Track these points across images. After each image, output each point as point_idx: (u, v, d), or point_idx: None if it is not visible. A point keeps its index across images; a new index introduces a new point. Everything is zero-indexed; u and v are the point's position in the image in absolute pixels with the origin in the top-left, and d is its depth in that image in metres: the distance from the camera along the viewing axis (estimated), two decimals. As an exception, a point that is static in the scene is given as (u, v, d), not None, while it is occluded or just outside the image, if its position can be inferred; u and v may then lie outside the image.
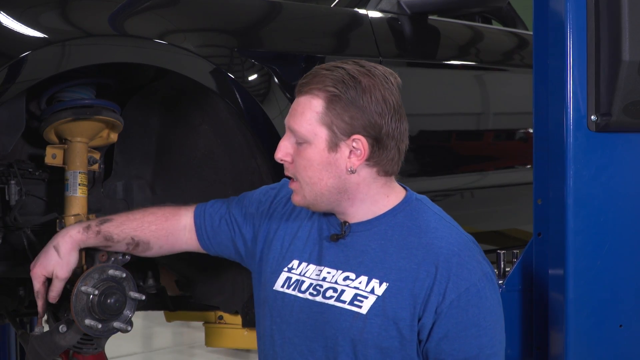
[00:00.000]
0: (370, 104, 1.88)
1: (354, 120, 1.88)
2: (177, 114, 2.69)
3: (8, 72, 2.07)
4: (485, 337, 1.87)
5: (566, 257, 2.25)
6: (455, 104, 3.31)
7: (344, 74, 1.89)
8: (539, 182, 2.34)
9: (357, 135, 1.89)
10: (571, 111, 2.25)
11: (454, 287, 1.85)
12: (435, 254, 1.88)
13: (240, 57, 2.52)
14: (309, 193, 1.95)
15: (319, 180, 1.92)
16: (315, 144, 1.91)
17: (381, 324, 1.86)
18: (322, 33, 2.88)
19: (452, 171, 3.33)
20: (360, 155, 1.90)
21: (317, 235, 2.04)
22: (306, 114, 1.91)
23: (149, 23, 2.37)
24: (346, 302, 1.90)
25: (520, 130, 3.61)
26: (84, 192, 2.44)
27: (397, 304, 1.87)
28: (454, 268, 1.86)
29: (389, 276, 1.89)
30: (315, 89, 1.90)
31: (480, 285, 1.88)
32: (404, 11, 3.09)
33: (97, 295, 2.31)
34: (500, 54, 3.65)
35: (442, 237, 1.91)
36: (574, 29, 2.25)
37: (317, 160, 1.91)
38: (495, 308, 1.91)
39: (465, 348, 1.86)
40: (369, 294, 1.89)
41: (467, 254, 1.90)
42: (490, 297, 1.89)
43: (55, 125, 2.39)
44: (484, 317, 1.87)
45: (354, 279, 1.92)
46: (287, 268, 2.04)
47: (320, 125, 1.90)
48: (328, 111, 1.89)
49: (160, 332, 7.17)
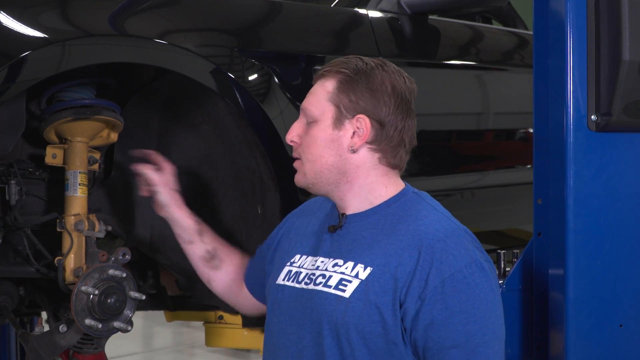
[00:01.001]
0: (379, 88, 1.94)
1: (361, 101, 1.94)
2: (177, 113, 2.69)
3: (8, 71, 2.07)
4: (474, 325, 1.83)
5: (566, 257, 2.25)
6: (456, 104, 3.31)
7: (358, 61, 1.97)
8: (539, 182, 2.34)
9: (362, 114, 1.94)
10: (571, 111, 2.25)
11: (437, 273, 1.83)
12: (419, 239, 1.87)
13: (240, 56, 2.52)
14: (309, 170, 1.98)
15: (320, 157, 1.96)
16: (321, 121, 1.96)
17: (363, 307, 1.86)
18: (322, 33, 2.88)
19: (452, 171, 3.33)
20: (362, 135, 1.94)
21: (319, 229, 2.07)
22: (317, 94, 1.98)
23: (149, 23, 2.37)
24: (332, 287, 1.92)
25: (521, 130, 3.61)
26: (84, 192, 2.44)
27: (379, 287, 1.86)
28: (437, 254, 1.84)
29: (374, 261, 1.89)
30: (330, 72, 1.98)
31: (468, 271, 1.84)
32: (404, 11, 3.09)
33: (97, 295, 2.31)
34: (501, 54, 3.65)
35: (429, 224, 1.91)
36: (574, 29, 2.25)
37: (322, 137, 1.96)
38: (486, 296, 1.86)
39: (452, 335, 1.82)
40: (353, 278, 1.90)
41: (454, 241, 1.87)
42: (480, 284, 1.85)
43: (56, 125, 2.39)
44: (472, 304, 1.83)
45: (342, 265, 1.94)
46: (289, 262, 2.07)
47: (329, 103, 1.96)
48: (338, 90, 1.95)
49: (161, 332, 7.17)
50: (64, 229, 2.42)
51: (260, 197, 2.64)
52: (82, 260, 2.41)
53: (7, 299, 2.64)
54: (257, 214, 2.66)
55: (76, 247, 2.41)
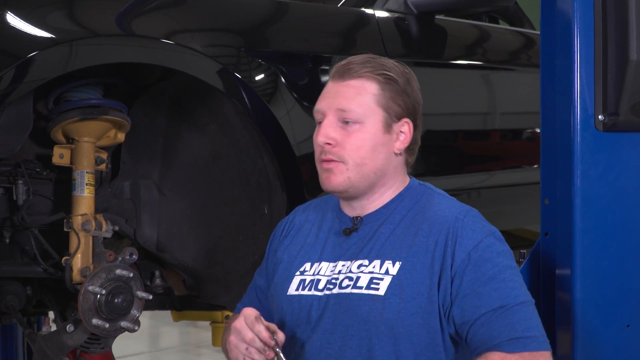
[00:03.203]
0: (413, 92, 1.99)
1: (404, 104, 1.97)
2: (184, 113, 2.69)
3: (16, 72, 2.08)
4: (504, 290, 1.86)
5: (573, 257, 2.25)
6: (462, 104, 3.31)
7: (387, 62, 1.98)
8: (546, 182, 2.34)
9: (406, 119, 1.97)
10: (578, 111, 2.25)
11: (461, 248, 1.88)
12: (440, 224, 1.92)
13: (247, 56, 2.53)
14: (355, 174, 1.95)
15: (370, 160, 1.95)
16: (370, 124, 1.95)
17: (400, 302, 1.87)
18: (329, 33, 2.87)
19: (459, 171, 3.33)
20: (404, 139, 1.98)
21: (328, 233, 2.05)
22: (363, 95, 1.94)
23: (156, 23, 2.38)
24: (363, 287, 1.91)
25: (527, 129, 3.61)
26: (92, 192, 2.45)
27: (413, 279, 1.88)
28: (459, 230, 1.90)
29: (401, 255, 1.91)
30: (367, 72, 1.95)
31: (489, 241, 1.90)
32: (410, 11, 3.09)
33: (104, 294, 2.32)
34: (507, 54, 3.64)
35: (444, 209, 1.96)
36: (581, 28, 2.24)
37: (372, 141, 1.95)
38: (510, 262, 1.91)
39: (486, 302, 1.85)
40: (384, 275, 1.90)
41: (470, 218, 1.93)
42: (502, 252, 1.90)
43: (63, 125, 2.40)
44: (500, 270, 1.87)
45: (368, 265, 1.93)
46: (299, 272, 2.03)
47: (377, 106, 1.95)
48: (383, 93, 1.95)
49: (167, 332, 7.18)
50: (71, 228, 2.43)
51: (267, 197, 2.64)
52: (89, 260, 2.42)
53: (15, 298, 2.64)
54: (264, 214, 2.66)
55: (83, 247, 2.42)
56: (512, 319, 1.84)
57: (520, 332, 1.83)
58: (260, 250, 2.71)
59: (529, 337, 1.83)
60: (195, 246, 2.78)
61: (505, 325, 1.83)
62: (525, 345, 1.82)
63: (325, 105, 1.96)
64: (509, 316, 1.84)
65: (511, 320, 1.84)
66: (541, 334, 1.86)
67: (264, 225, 2.67)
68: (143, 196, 2.74)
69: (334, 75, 1.98)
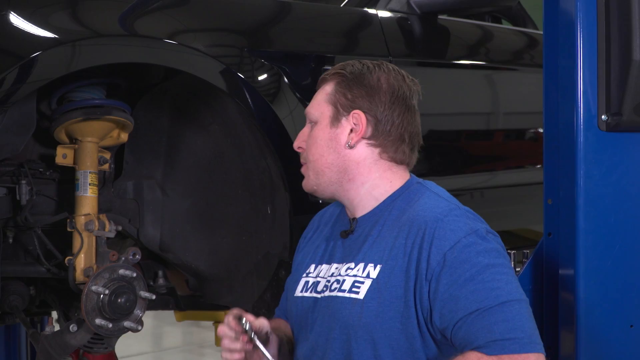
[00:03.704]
0: (374, 85, 1.97)
1: (356, 98, 1.97)
2: (187, 113, 2.69)
3: (19, 72, 2.08)
4: (483, 292, 1.78)
5: (577, 257, 2.25)
6: (465, 104, 3.31)
7: (356, 63, 2.01)
8: (549, 182, 2.34)
9: (356, 110, 1.96)
10: (582, 111, 2.24)
11: (437, 250, 1.82)
12: (418, 225, 1.87)
13: (250, 57, 2.53)
14: (312, 172, 2.00)
15: (320, 156, 1.98)
16: (320, 121, 2.00)
17: (378, 306, 1.86)
18: (331, 33, 2.88)
19: (462, 171, 3.33)
20: (359, 130, 1.96)
21: (330, 236, 2.07)
22: (318, 97, 2.02)
23: (159, 23, 2.38)
24: (346, 291, 1.91)
25: (531, 129, 3.60)
26: (95, 192, 2.45)
27: (391, 283, 1.86)
28: (437, 232, 1.84)
29: (382, 258, 1.89)
30: (328, 75, 2.02)
31: (468, 240, 1.82)
32: (413, 11, 3.09)
33: (107, 294, 2.32)
34: (510, 54, 3.64)
35: (427, 208, 1.90)
36: (584, 28, 2.24)
37: (321, 137, 1.98)
38: (493, 261, 1.82)
39: (464, 305, 1.78)
40: (365, 279, 1.89)
41: (452, 218, 1.86)
42: (483, 251, 1.82)
43: (66, 125, 2.40)
44: (478, 270, 1.80)
45: (353, 267, 1.93)
46: (305, 274, 2.06)
47: (327, 103, 1.99)
48: (335, 91, 1.99)
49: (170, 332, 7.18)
50: (74, 228, 2.43)
51: (270, 197, 2.65)
52: (92, 260, 2.42)
53: (18, 298, 2.65)
54: (267, 214, 2.66)
55: (86, 247, 2.42)
56: (490, 321, 1.76)
57: (498, 335, 1.74)
58: (263, 250, 2.71)
59: (509, 339, 1.74)
60: (198, 246, 2.78)
61: (482, 328, 1.76)
62: (503, 347, 1.74)
63: None
64: (486, 318, 1.76)
65: (488, 322, 1.76)
66: (526, 335, 1.76)
67: (267, 225, 2.67)
68: (146, 196, 2.74)
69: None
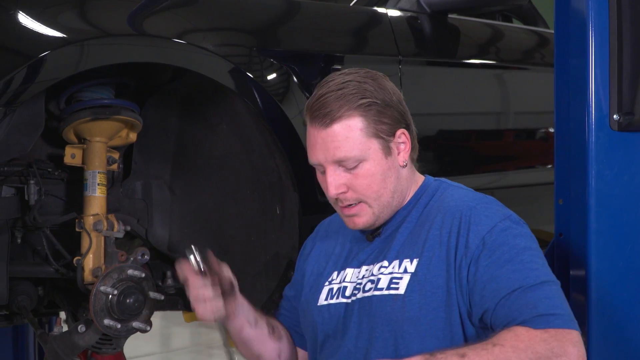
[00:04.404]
0: (391, 96, 1.93)
1: (392, 119, 1.92)
2: (196, 113, 2.70)
3: (27, 71, 2.08)
4: (523, 271, 1.81)
5: (588, 258, 2.24)
6: (475, 103, 3.30)
7: (357, 85, 1.90)
8: (560, 182, 2.33)
9: (399, 129, 1.94)
10: (593, 110, 2.24)
11: (475, 235, 1.86)
12: (452, 214, 1.90)
13: (259, 56, 2.53)
14: (378, 207, 1.95)
15: (384, 189, 1.94)
16: (370, 157, 1.91)
17: (420, 298, 1.86)
18: (341, 32, 2.87)
19: (472, 171, 3.32)
20: (406, 147, 1.96)
21: (352, 241, 2.06)
22: (351, 137, 1.89)
23: (167, 22, 2.38)
24: (384, 289, 1.90)
25: (541, 129, 3.60)
26: (103, 192, 2.46)
27: (431, 273, 1.87)
28: (472, 217, 1.88)
29: (417, 251, 1.90)
30: (344, 111, 1.89)
31: (504, 225, 1.87)
32: (423, 10, 3.08)
33: (116, 295, 2.32)
34: (521, 53, 3.64)
35: (457, 198, 1.95)
36: (596, 27, 2.23)
37: (378, 171, 1.92)
38: (528, 243, 1.86)
39: (505, 285, 1.80)
40: (403, 274, 1.89)
41: (484, 205, 1.91)
42: (518, 234, 1.87)
43: (75, 125, 2.41)
44: (517, 252, 1.84)
45: (387, 266, 1.93)
46: (327, 282, 2.05)
47: (369, 138, 1.90)
48: (368, 122, 1.90)
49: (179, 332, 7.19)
50: (82, 229, 2.43)
51: (279, 197, 2.64)
52: (101, 260, 2.42)
53: (26, 299, 2.65)
54: (276, 215, 2.66)
55: (95, 247, 2.42)
56: (534, 297, 1.78)
57: (542, 310, 1.77)
58: (271, 250, 2.71)
59: (554, 315, 1.77)
60: (207, 246, 2.77)
61: (527, 304, 1.78)
62: (548, 321, 1.76)
63: (322, 158, 1.92)
64: (529, 295, 1.79)
65: (532, 299, 1.78)
66: (567, 313, 1.80)
67: (276, 225, 2.67)
68: (155, 196, 2.74)
69: (312, 121, 1.91)
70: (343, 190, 1.92)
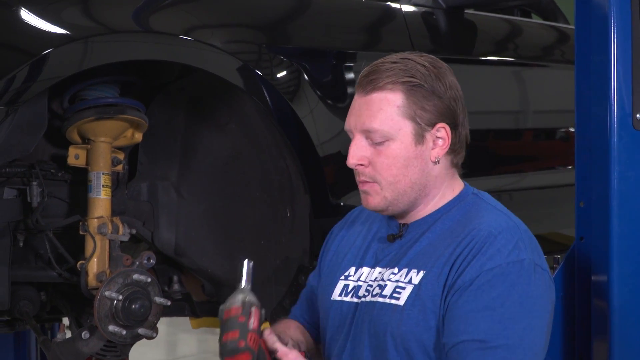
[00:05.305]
0: (445, 90, 1.89)
1: (435, 108, 1.89)
2: (203, 112, 2.71)
3: (29, 70, 2.09)
4: (498, 324, 1.75)
5: (610, 263, 2.24)
6: (493, 102, 3.30)
7: (414, 64, 1.89)
8: (581, 184, 2.33)
9: (441, 123, 1.90)
10: (615, 109, 2.23)
11: (476, 265, 1.80)
12: (471, 236, 1.84)
13: (268, 53, 2.53)
14: (390, 193, 1.92)
15: (403, 177, 1.90)
16: (400, 139, 1.89)
17: (418, 314, 1.84)
18: (353, 28, 2.88)
19: (490, 172, 3.32)
20: (443, 144, 1.91)
21: (374, 238, 2.04)
22: (386, 110, 1.88)
23: (174, 19, 2.39)
24: (387, 296, 1.89)
25: (561, 129, 3.59)
26: (108, 194, 2.46)
27: (432, 290, 1.84)
28: (484, 247, 1.81)
29: (428, 264, 1.87)
30: (389, 82, 1.88)
31: (509, 269, 1.79)
32: (439, 5, 3.08)
33: (121, 300, 2.33)
34: (540, 49, 3.63)
35: (485, 222, 1.87)
36: (618, 22, 2.23)
37: (404, 156, 1.89)
38: (523, 300, 1.78)
39: (470, 329, 1.76)
40: (407, 284, 1.87)
41: (506, 237, 1.83)
42: (518, 285, 1.78)
43: (78, 124, 2.42)
44: (503, 302, 1.76)
45: (397, 273, 1.92)
46: (343, 276, 2.04)
47: (403, 118, 1.88)
48: (409, 102, 1.87)
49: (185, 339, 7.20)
50: (86, 232, 2.44)
51: (290, 199, 2.65)
52: (105, 265, 2.43)
53: (28, 304, 2.66)
54: (286, 217, 2.67)
55: (99, 251, 2.43)
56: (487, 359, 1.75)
57: None
58: (281, 254, 2.71)
59: None
60: (215, 250, 2.79)
61: None
62: None
63: (352, 124, 1.92)
64: (487, 355, 1.75)
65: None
66: None
67: (286, 228, 2.68)
68: (161, 198, 2.75)
69: (358, 87, 1.93)
70: (363, 162, 1.91)
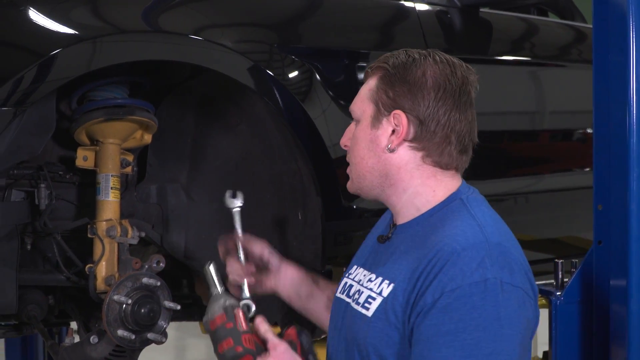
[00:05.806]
0: (417, 81, 1.87)
1: (398, 96, 1.88)
2: (214, 113, 2.71)
3: (38, 70, 2.10)
4: (459, 350, 1.71)
5: (629, 267, 2.23)
6: (509, 102, 3.29)
7: (402, 54, 1.92)
8: (599, 186, 2.32)
9: (398, 110, 1.89)
10: (634, 110, 2.23)
11: (438, 286, 1.74)
12: (436, 251, 1.78)
13: (279, 53, 2.54)
14: (354, 174, 1.97)
15: (361, 159, 1.94)
16: (362, 120, 1.95)
17: (382, 327, 1.83)
18: (366, 27, 2.88)
19: (505, 174, 3.31)
20: (400, 133, 1.89)
21: (374, 240, 2.05)
22: (361, 93, 1.97)
23: (184, 18, 2.40)
24: (360, 304, 1.91)
25: (579, 130, 3.58)
26: (117, 196, 2.47)
27: (398, 305, 1.81)
28: (446, 266, 1.75)
29: (397, 277, 1.85)
30: (372, 68, 1.95)
31: (472, 290, 1.72)
32: (454, 3, 3.08)
33: (130, 304, 2.34)
34: (557, 49, 3.62)
35: (452, 235, 1.80)
36: (637, 21, 2.22)
37: (362, 138, 1.94)
38: (487, 324, 1.72)
39: (432, 355, 1.72)
40: (377, 296, 1.87)
41: (471, 255, 1.76)
42: (481, 308, 1.72)
43: (87, 125, 2.43)
44: (465, 327, 1.71)
45: (373, 280, 1.92)
46: (347, 274, 2.07)
47: (369, 101, 1.94)
48: (377, 87, 1.92)
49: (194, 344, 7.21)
50: (95, 235, 2.45)
51: (301, 201, 2.65)
52: (114, 268, 2.44)
53: (36, 308, 2.67)
54: (298, 220, 2.67)
55: (108, 254, 2.44)
56: None
57: None
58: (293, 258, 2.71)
59: None
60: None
61: None
62: None
63: None
64: None
65: None
66: None
67: (297, 231, 2.68)
68: (170, 201, 2.76)
69: None
70: (348, 144, 1.99)
